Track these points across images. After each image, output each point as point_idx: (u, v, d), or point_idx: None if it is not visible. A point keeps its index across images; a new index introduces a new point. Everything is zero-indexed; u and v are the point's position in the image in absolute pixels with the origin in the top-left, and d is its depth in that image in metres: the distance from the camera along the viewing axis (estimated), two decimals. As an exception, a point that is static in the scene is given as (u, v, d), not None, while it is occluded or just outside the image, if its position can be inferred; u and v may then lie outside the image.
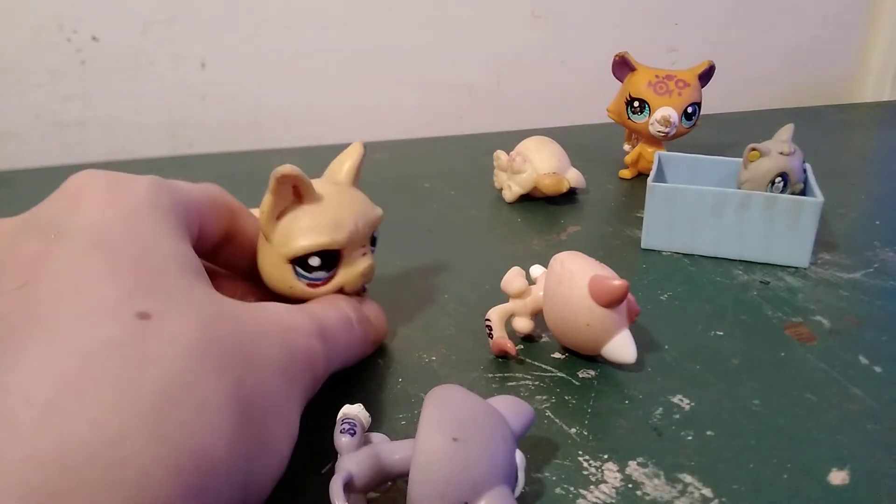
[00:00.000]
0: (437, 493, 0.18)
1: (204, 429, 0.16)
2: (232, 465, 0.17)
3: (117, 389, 0.15)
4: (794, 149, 0.38)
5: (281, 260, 0.25)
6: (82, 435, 0.14)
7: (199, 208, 0.24)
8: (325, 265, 0.25)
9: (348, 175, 0.28)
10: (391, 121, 0.67)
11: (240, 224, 0.27)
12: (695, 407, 0.26)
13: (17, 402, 0.15)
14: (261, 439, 0.18)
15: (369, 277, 0.27)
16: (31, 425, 0.14)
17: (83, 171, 0.22)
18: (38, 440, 0.14)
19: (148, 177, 0.23)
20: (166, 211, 0.22)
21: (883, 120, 0.72)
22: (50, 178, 0.54)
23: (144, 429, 0.15)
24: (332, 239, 0.25)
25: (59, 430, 0.14)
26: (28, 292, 0.17)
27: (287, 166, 0.24)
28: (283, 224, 0.25)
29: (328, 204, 0.26)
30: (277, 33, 0.62)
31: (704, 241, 0.37)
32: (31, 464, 0.14)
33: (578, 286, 0.26)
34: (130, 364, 0.16)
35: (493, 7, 0.68)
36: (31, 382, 0.15)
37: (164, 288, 0.19)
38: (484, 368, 0.28)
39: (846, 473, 0.23)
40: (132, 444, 0.15)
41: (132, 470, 0.14)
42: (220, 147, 0.62)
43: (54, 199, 0.21)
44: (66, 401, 0.15)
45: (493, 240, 0.41)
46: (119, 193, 0.21)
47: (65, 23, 0.57)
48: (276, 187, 0.24)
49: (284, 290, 0.26)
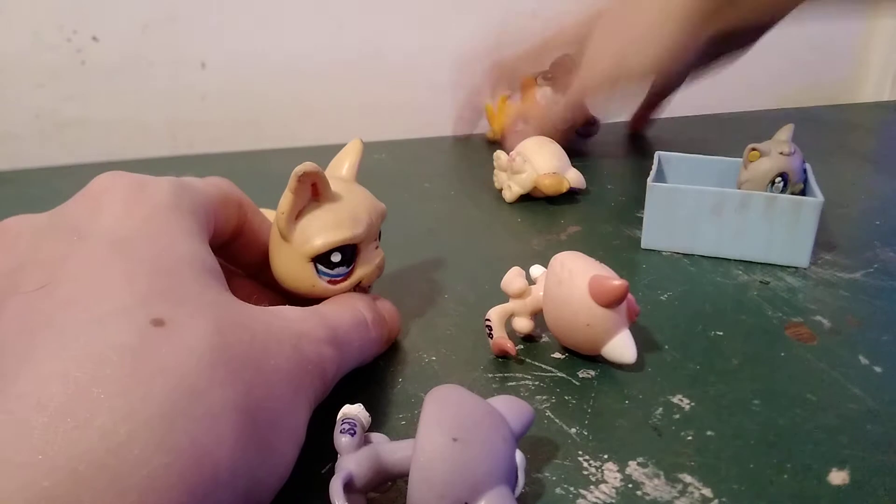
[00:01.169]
0: (437, 493, 0.18)
1: (209, 437, 0.16)
2: (236, 472, 0.17)
3: (128, 397, 0.15)
4: (794, 149, 0.38)
5: (302, 259, 0.25)
6: (92, 442, 0.14)
7: (214, 207, 0.24)
8: (344, 261, 0.26)
9: (350, 171, 0.28)
10: (391, 121, 0.67)
11: (248, 218, 0.27)
12: (695, 407, 0.26)
13: (30, 405, 0.15)
14: (266, 447, 0.18)
15: (382, 270, 0.28)
16: (41, 430, 0.14)
17: (107, 173, 0.22)
18: (49, 445, 0.14)
19: (169, 179, 0.23)
20: (186, 213, 0.22)
21: (883, 120, 0.72)
22: (50, 178, 0.55)
23: (152, 437, 0.15)
24: (353, 233, 0.25)
25: (70, 435, 0.14)
26: (47, 294, 0.18)
27: (308, 164, 0.24)
28: (303, 223, 0.25)
29: (343, 200, 0.26)
30: (277, 33, 0.62)
31: (704, 241, 0.37)
32: (41, 468, 0.14)
33: (578, 286, 0.26)
34: (142, 371, 0.16)
35: (493, 7, 0.68)
36: (44, 386, 0.15)
37: (179, 293, 0.19)
38: (484, 368, 0.28)
39: (846, 473, 0.23)
40: (140, 451, 0.15)
41: (139, 477, 0.15)
42: (220, 147, 0.62)
43: (79, 200, 0.22)
44: (77, 407, 0.15)
45: (493, 240, 0.41)
46: (141, 196, 0.21)
47: (65, 23, 0.57)
48: (298, 186, 0.24)
49: (306, 289, 0.26)
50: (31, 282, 0.18)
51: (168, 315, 0.18)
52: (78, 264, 0.19)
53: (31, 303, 0.18)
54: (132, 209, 0.21)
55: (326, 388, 0.23)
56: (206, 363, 0.17)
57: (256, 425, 0.18)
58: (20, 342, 0.16)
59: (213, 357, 0.17)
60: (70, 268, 0.18)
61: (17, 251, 0.20)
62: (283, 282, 0.26)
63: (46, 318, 0.17)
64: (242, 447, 0.17)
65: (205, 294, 0.20)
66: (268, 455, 0.18)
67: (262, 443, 0.18)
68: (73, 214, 0.21)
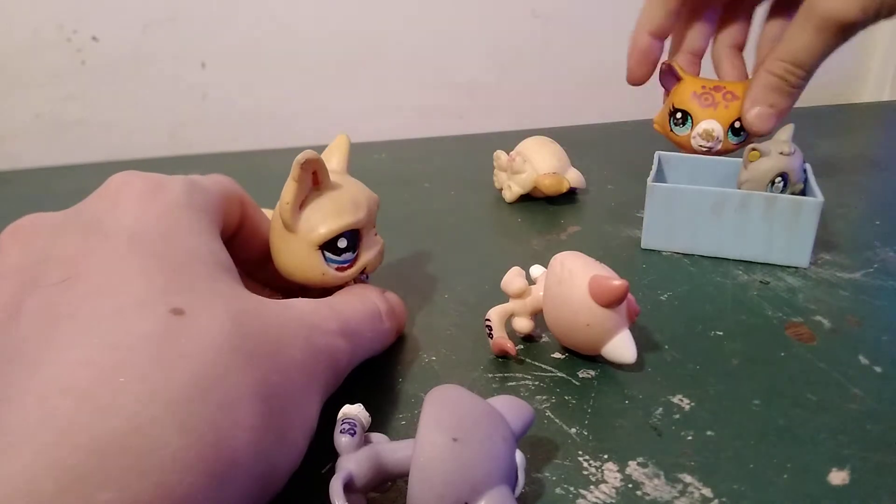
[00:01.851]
0: (437, 493, 0.18)
1: (228, 421, 0.17)
2: (253, 456, 0.17)
3: (150, 382, 0.16)
4: (793, 149, 0.38)
5: (310, 248, 0.26)
6: (116, 424, 0.15)
7: (221, 203, 0.25)
8: (350, 246, 0.26)
9: (341, 164, 0.29)
10: (391, 121, 0.67)
11: (249, 214, 0.27)
12: (695, 407, 0.26)
13: (55, 390, 0.15)
14: (281, 433, 0.19)
15: (383, 256, 0.28)
16: (67, 412, 0.15)
17: (123, 172, 0.23)
18: (74, 426, 0.15)
19: (182, 177, 0.24)
20: (198, 210, 0.23)
21: (883, 120, 0.72)
22: (50, 178, 0.55)
23: (173, 421, 0.16)
24: (357, 218, 0.26)
25: (94, 417, 0.15)
26: (68, 287, 0.18)
27: (308, 152, 0.24)
28: (307, 213, 0.25)
29: (342, 188, 0.26)
30: (277, 33, 0.62)
31: (704, 242, 0.37)
32: (67, 446, 0.14)
33: (578, 286, 0.26)
34: (163, 358, 0.17)
35: (493, 7, 0.68)
36: (69, 373, 0.16)
37: (194, 285, 0.19)
38: (484, 368, 0.28)
39: (846, 473, 0.23)
40: (161, 434, 0.15)
41: (160, 458, 0.15)
42: (220, 147, 0.62)
43: (96, 198, 0.22)
44: (101, 392, 0.16)
45: (493, 240, 0.41)
46: (156, 194, 0.22)
47: (65, 23, 0.57)
48: (300, 174, 0.25)
49: (316, 277, 0.26)
50: (52, 276, 0.19)
51: (186, 304, 0.18)
52: (97, 259, 0.19)
53: (52, 296, 0.18)
54: (147, 207, 0.22)
55: (338, 379, 0.23)
56: (224, 350, 0.18)
57: (272, 411, 0.18)
58: (44, 333, 0.17)
59: (231, 344, 0.18)
60: (89, 263, 0.19)
61: (34, 247, 0.20)
62: (292, 275, 0.26)
63: (69, 310, 0.18)
64: (259, 432, 0.18)
65: (218, 286, 0.20)
66: (282, 441, 0.19)
67: (278, 429, 0.19)
68: (90, 212, 0.22)
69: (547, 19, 0.71)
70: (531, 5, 0.70)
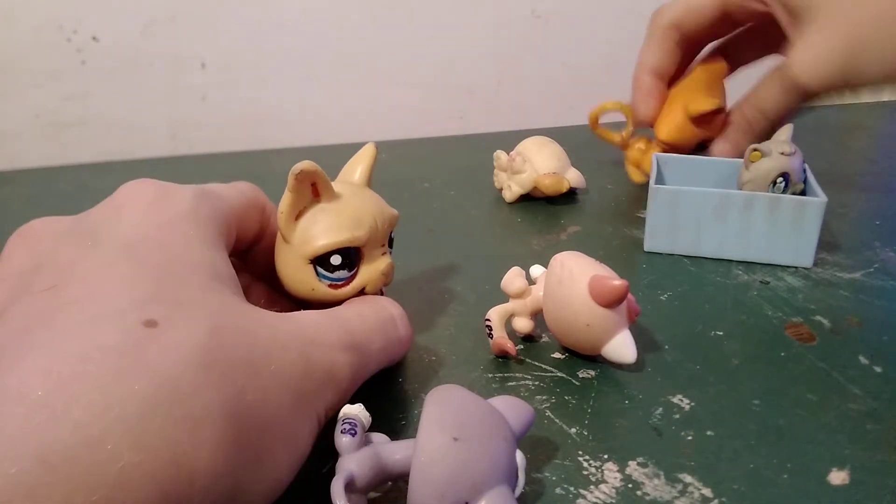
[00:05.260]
0: (438, 492, 0.18)
1: (188, 439, 0.16)
2: (213, 477, 0.17)
3: (106, 394, 0.16)
4: (794, 149, 0.38)
5: (301, 261, 0.25)
6: (65, 434, 0.15)
7: (238, 213, 0.25)
8: (346, 264, 0.25)
9: (362, 177, 0.28)
10: (391, 121, 0.67)
11: (271, 222, 0.27)
12: (695, 407, 0.26)
13: (10, 397, 0.15)
14: (255, 456, 0.18)
15: (390, 277, 0.27)
16: (17, 420, 0.15)
17: (136, 181, 0.23)
18: (23, 434, 0.14)
19: (193, 187, 0.23)
20: (204, 220, 0.22)
21: (883, 120, 0.72)
22: (50, 178, 0.55)
23: (126, 434, 0.15)
24: (353, 236, 0.25)
25: (44, 427, 0.15)
26: (53, 294, 0.18)
27: (306, 162, 0.24)
28: (303, 223, 0.25)
29: (346, 202, 0.25)
30: (277, 33, 0.62)
31: (708, 243, 0.37)
32: (11, 455, 0.14)
33: (578, 286, 0.26)
34: (124, 370, 0.16)
35: (493, 7, 0.68)
36: (26, 381, 0.15)
37: (181, 296, 0.19)
38: (484, 368, 0.28)
39: (846, 473, 0.23)
40: (112, 448, 0.15)
41: (110, 472, 0.15)
42: (220, 147, 0.62)
43: (103, 206, 0.22)
44: (55, 401, 0.15)
45: (493, 240, 0.41)
46: (162, 204, 0.22)
47: (65, 23, 0.57)
48: (296, 185, 0.24)
49: (305, 292, 0.25)
50: (43, 283, 0.19)
51: (164, 316, 0.18)
52: (86, 267, 0.19)
53: (36, 303, 0.18)
54: (149, 216, 0.21)
55: (340, 395, 0.22)
56: (195, 364, 0.17)
57: (245, 431, 0.18)
58: (19, 340, 0.17)
59: (203, 359, 0.17)
60: (79, 270, 0.19)
61: (36, 252, 0.20)
62: (286, 284, 0.26)
63: (47, 318, 0.17)
64: (224, 452, 0.17)
65: (208, 298, 0.20)
66: (256, 463, 0.18)
67: (250, 449, 0.18)
68: (94, 220, 0.21)
69: (547, 19, 0.71)
70: (531, 5, 0.70)
